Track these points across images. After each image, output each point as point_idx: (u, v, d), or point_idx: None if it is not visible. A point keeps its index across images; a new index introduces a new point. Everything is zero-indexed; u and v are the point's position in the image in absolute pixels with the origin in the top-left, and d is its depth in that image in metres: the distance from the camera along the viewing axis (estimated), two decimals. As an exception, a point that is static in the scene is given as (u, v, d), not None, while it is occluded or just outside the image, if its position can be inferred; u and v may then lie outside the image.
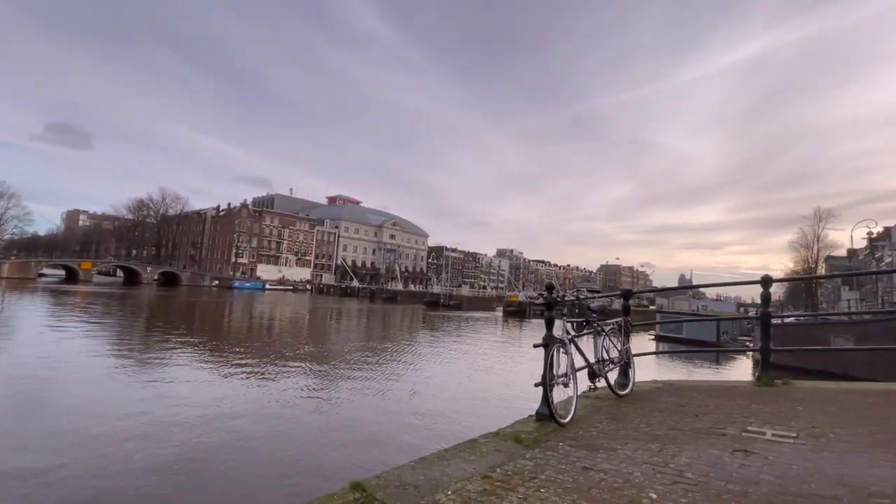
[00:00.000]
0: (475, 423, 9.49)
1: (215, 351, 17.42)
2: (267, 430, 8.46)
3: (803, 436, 3.15)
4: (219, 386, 11.74)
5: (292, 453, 7.44)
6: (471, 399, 11.91)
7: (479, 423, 9.29)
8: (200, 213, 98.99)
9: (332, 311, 43.79)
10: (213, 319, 30.64)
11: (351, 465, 7.02)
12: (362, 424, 9.20)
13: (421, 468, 2.85)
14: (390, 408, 10.59)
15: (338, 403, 10.68)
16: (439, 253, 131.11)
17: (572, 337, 4.11)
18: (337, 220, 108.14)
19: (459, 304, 65.72)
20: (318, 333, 26.29)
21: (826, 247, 46.83)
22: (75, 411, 8.99)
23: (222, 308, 39.35)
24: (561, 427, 3.63)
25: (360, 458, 7.45)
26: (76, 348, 16.00)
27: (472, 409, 10.80)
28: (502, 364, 18.06)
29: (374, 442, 8.25)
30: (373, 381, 13.23)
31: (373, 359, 17.36)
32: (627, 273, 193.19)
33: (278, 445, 7.73)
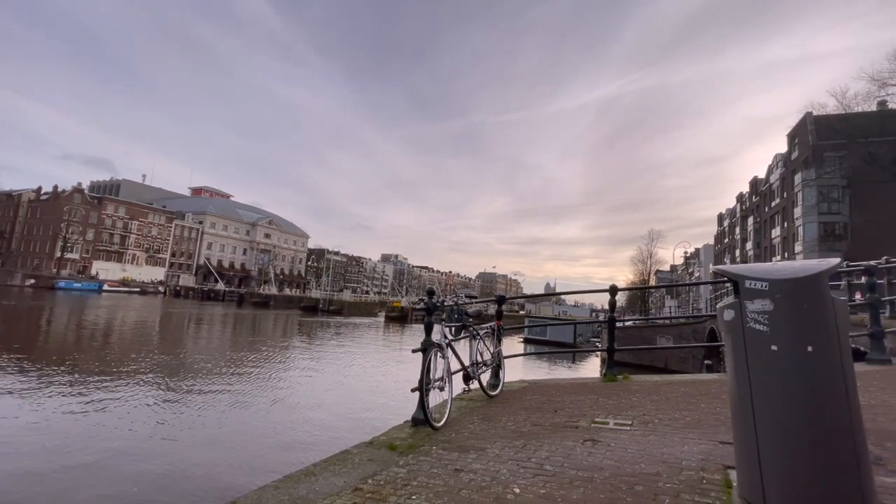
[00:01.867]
0: (350, 432, 9.19)
1: (27, 370, 13.99)
2: (106, 459, 7.04)
3: (636, 423, 3.67)
4: (41, 410, 9.43)
5: (138, 482, 6.29)
6: (346, 408, 11.50)
7: (354, 433, 9.02)
8: (12, 195, 79.45)
9: (189, 318, 38.65)
10: (22, 329, 24.68)
11: (210, 491, 6.19)
12: (222, 445, 8.22)
13: (285, 487, 2.61)
14: (256, 423, 9.67)
15: (192, 423, 9.39)
16: (320, 255, 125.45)
17: (450, 341, 4.22)
18: (201, 215, 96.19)
19: (340, 309, 63.52)
20: (168, 345, 22.90)
21: (656, 262, 56.53)
22: None
23: (37, 314, 31.94)
24: (435, 431, 3.67)
25: (221, 481, 6.62)
26: None
27: (348, 419, 10.44)
28: (381, 370, 17.87)
29: (238, 463, 7.42)
30: (235, 396, 11.96)
31: (235, 371, 15.72)
32: (502, 280, 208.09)
33: (122, 474, 6.48)
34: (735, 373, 1.92)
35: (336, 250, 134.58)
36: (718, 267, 2.16)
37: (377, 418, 10.50)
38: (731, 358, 1.95)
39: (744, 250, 52.76)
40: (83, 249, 75.15)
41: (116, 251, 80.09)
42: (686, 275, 76.95)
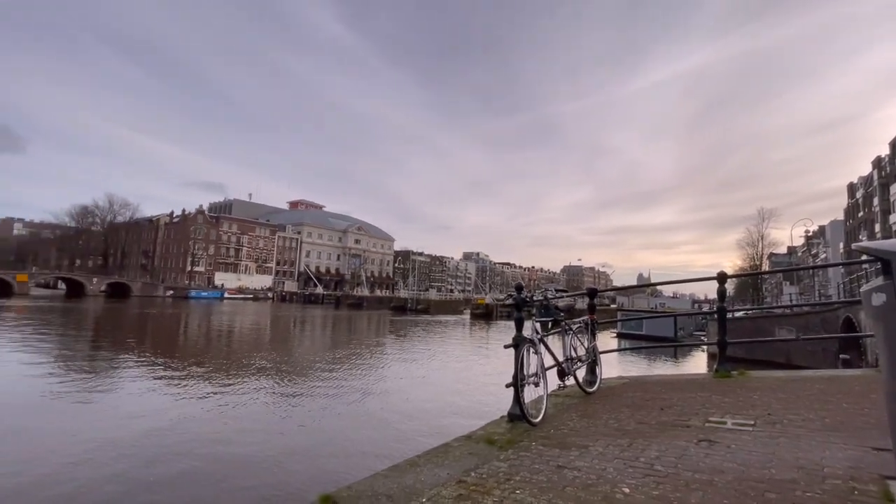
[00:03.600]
0: (446, 426, 9.44)
1: (171, 365, 16.49)
2: (232, 446, 8.07)
3: (760, 423, 3.30)
4: (179, 402, 11.10)
5: (259, 468, 7.11)
6: (441, 403, 11.84)
7: (450, 427, 9.25)
8: (152, 220, 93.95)
9: (296, 320, 42.56)
10: (168, 332, 29.07)
11: (320, 478, 6.78)
12: (330, 435, 8.95)
13: (393, 476, 2.77)
14: (361, 417, 10.36)
15: (304, 415, 10.34)
16: (406, 257, 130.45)
17: (541, 336, 4.15)
18: (299, 226, 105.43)
19: (427, 308, 65.54)
20: (281, 343, 25.44)
21: (769, 245, 50.05)
22: (22, 438, 8.24)
23: (177, 320, 37.41)
24: (533, 427, 3.63)
25: (329, 469, 7.22)
26: (12, 368, 14.72)
27: (443, 413, 10.74)
28: (471, 366, 18.12)
29: (344, 452, 8.03)
30: (339, 390, 12.92)
31: (338, 367, 16.97)
32: (589, 273, 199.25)
33: (245, 460, 7.39)
34: (891, 367, 1.63)
35: (420, 251, 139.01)
36: (862, 244, 1.85)
37: (469, 412, 10.68)
38: (885, 349, 1.67)
39: (886, 224, 44.53)
40: (207, 262, 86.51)
41: (232, 262, 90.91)
42: (808, 257, 66.97)
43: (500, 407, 10.17)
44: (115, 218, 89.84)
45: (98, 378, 13.74)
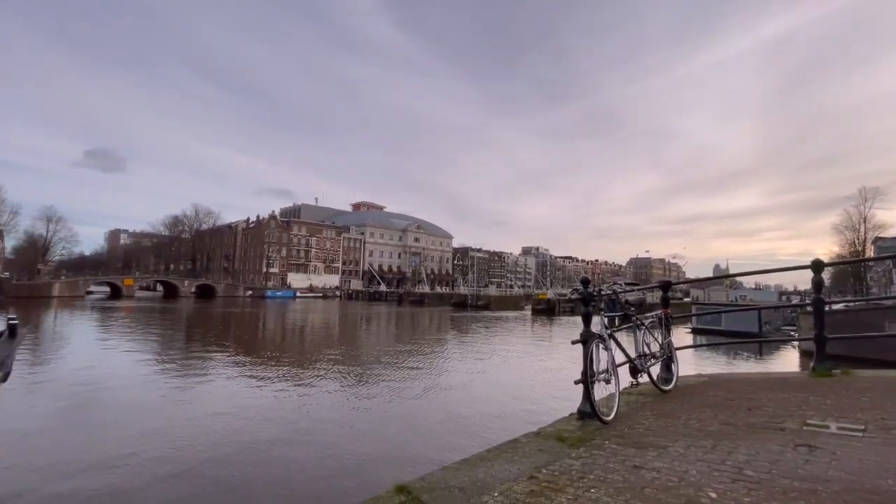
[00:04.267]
0: (513, 422, 9.39)
1: (254, 359, 17.90)
2: (309, 436, 8.61)
3: (872, 428, 2.94)
4: (261, 392, 12.04)
5: (334, 458, 7.53)
6: (506, 398, 11.79)
7: (517, 423, 9.19)
8: (231, 226, 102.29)
9: (362, 316, 44.37)
10: (250, 328, 31.53)
11: (392, 468, 7.05)
12: (401, 427, 9.25)
13: (465, 470, 2.81)
14: (426, 410, 10.61)
15: (375, 407, 10.77)
16: (464, 254, 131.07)
17: (611, 332, 3.99)
18: (362, 227, 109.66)
19: (487, 304, 65.45)
20: (349, 339, 26.67)
21: (874, 227, 44.16)
22: (136, 420, 9.39)
23: (257, 317, 40.48)
24: (605, 425, 3.52)
25: (400, 460, 7.48)
26: (126, 361, 16.79)
27: (509, 409, 10.69)
28: (536, 362, 17.85)
29: (413, 444, 8.26)
30: (407, 383, 13.30)
31: (403, 361, 17.46)
32: (659, 265, 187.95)
33: (321, 450, 7.86)
34: None
35: (478, 247, 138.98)
36: None
37: (532, 408, 10.55)
38: None
39: None
40: (280, 264, 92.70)
41: (303, 263, 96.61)
42: (926, 240, 58.07)
43: (565, 404, 9.91)
44: (201, 226, 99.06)
45: (195, 370, 15.25)
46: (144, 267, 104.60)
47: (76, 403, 10.76)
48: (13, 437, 7.90)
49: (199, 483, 6.47)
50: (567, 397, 11.28)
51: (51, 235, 77.42)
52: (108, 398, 11.36)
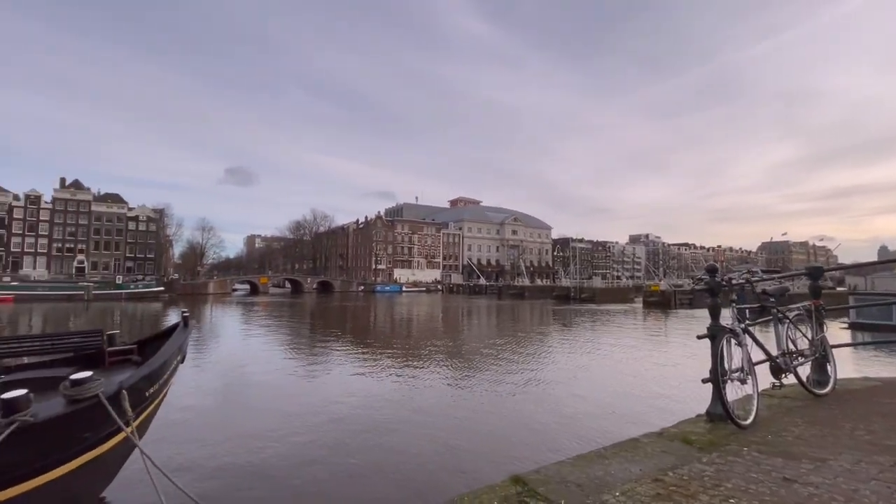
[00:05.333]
0: (628, 421, 8.86)
1: (368, 348, 19.41)
2: (416, 423, 9.10)
3: None
4: (374, 380, 13.03)
5: (439, 445, 7.85)
6: (614, 396, 11.14)
7: (632, 423, 8.66)
8: (344, 228, 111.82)
9: (464, 309, 45.35)
10: (364, 320, 34.24)
11: (495, 460, 7.12)
12: (504, 421, 9.29)
13: (580, 466, 2.73)
14: (529, 404, 10.50)
15: (478, 399, 10.97)
16: (564, 245, 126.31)
17: (746, 326, 3.54)
18: (460, 222, 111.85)
19: (592, 296, 62.31)
20: (453, 330, 27.47)
21: None
22: (279, 399, 10.87)
23: (369, 310, 43.77)
24: (741, 429, 3.14)
25: (503, 453, 7.52)
26: (264, 347, 19.44)
27: (623, 407, 10.09)
28: (647, 358, 16.54)
29: (517, 438, 8.24)
30: (509, 376, 13.30)
31: (507, 354, 17.45)
32: (800, 249, 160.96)
33: (427, 437, 8.25)
34: None
35: (579, 237, 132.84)
36: None
37: (646, 408, 9.81)
38: None
39: None
40: (387, 261, 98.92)
41: (406, 259, 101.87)
42: None
43: (685, 405, 9.11)
44: (318, 228, 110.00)
45: (318, 356, 17.07)
46: (275, 267, 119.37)
47: (230, 382, 12.76)
48: (192, 410, 9.63)
49: (327, 461, 7.23)
50: (684, 397, 10.32)
51: (205, 243, 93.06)
52: (252, 380, 13.25)
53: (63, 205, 74.74)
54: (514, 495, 2.32)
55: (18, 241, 70.87)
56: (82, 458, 4.43)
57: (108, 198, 79.80)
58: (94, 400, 4.43)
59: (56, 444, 4.18)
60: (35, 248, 72.04)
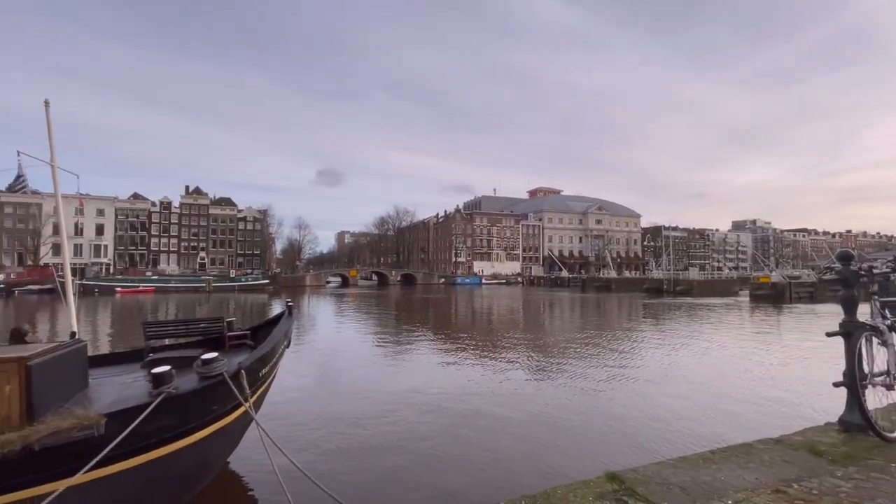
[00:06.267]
0: (733, 426, 8.07)
1: (451, 338, 19.84)
2: (498, 416, 9.12)
3: None
4: (457, 370, 13.30)
5: (528, 437, 7.80)
6: (721, 398, 10.16)
7: (738, 428, 7.88)
8: (425, 222, 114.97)
9: (545, 302, 44.33)
10: (447, 311, 35.04)
11: (589, 457, 6.90)
12: (595, 417, 8.95)
13: (683, 468, 2.54)
14: (623, 402, 9.99)
15: (567, 393, 10.69)
16: (656, 233, 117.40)
17: (892, 322, 3.01)
18: (539, 213, 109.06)
19: (688, 289, 57.26)
20: (534, 323, 27.01)
21: None
22: (365, 385, 11.62)
23: (451, 301, 44.67)
24: (886, 443, 2.70)
25: (596, 450, 7.26)
26: (355, 335, 20.79)
27: (725, 410, 9.19)
28: (759, 358, 14.81)
29: (610, 436, 7.89)
30: (601, 372, 12.75)
31: (591, 349, 16.75)
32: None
33: (510, 430, 8.24)
34: None
35: (673, 225, 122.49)
36: None
37: (761, 413, 8.78)
38: None
39: None
40: (466, 253, 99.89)
41: (486, 252, 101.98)
42: None
43: (803, 411, 8.10)
44: (401, 223, 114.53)
45: (403, 345, 17.85)
46: (363, 260, 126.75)
47: (326, 367, 13.86)
48: (296, 390, 10.64)
49: (413, 447, 7.55)
50: (803, 403, 9.10)
51: (302, 239, 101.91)
52: (346, 365, 14.24)
53: (188, 209, 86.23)
54: (610, 493, 2.24)
55: (156, 242, 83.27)
56: (212, 427, 5.12)
57: (222, 201, 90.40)
58: (220, 378, 5.10)
59: (192, 414, 4.88)
60: (168, 247, 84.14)
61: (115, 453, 4.04)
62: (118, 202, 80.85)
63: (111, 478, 4.16)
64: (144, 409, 4.33)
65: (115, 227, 79.78)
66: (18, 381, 3.97)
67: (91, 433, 3.94)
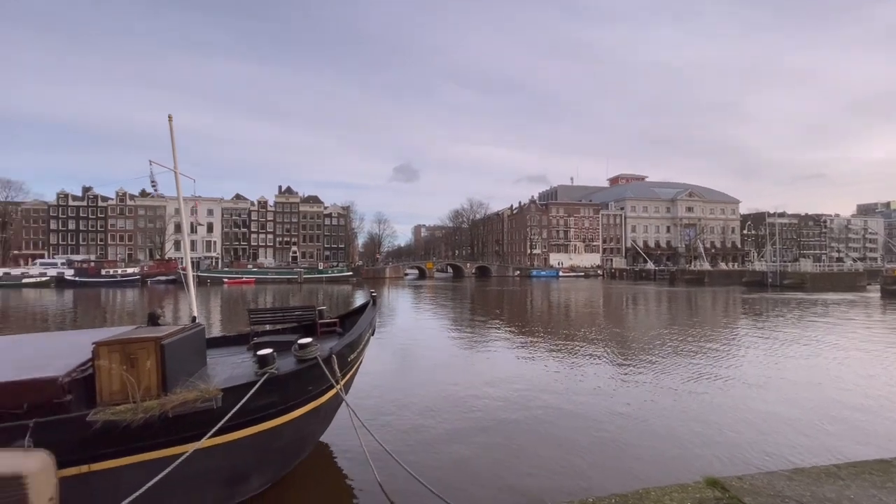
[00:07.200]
0: (856, 442, 7.06)
1: (527, 332, 19.58)
2: (584, 412, 8.84)
3: None
4: (533, 364, 13.11)
5: (610, 438, 7.48)
6: (842, 406, 8.90)
7: (863, 444, 6.89)
8: (499, 214, 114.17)
9: (629, 296, 41.90)
10: (523, 304, 34.63)
11: (689, 460, 6.44)
12: (684, 422, 8.32)
13: (800, 481, 2.27)
14: (725, 405, 9.17)
15: (652, 395, 10.06)
16: (758, 220, 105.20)
17: None
18: (621, 201, 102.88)
19: (800, 282, 50.63)
20: (617, 318, 25.67)
21: None
22: (448, 374, 11.93)
23: (527, 294, 44.04)
24: None
25: (684, 456, 6.75)
26: (432, 325, 21.36)
27: (847, 423, 8.04)
28: (882, 362, 12.72)
29: (701, 442, 7.29)
30: (689, 371, 11.81)
31: (685, 348, 15.51)
32: None
33: (595, 427, 7.94)
34: None
35: (780, 211, 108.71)
36: None
37: (878, 426, 7.55)
38: None
39: None
40: (542, 245, 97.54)
41: (562, 243, 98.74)
42: None
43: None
44: (475, 216, 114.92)
45: (479, 337, 17.96)
46: (438, 253, 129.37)
47: (407, 355, 14.42)
48: (380, 376, 11.24)
49: (490, 439, 7.59)
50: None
51: (381, 233, 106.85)
52: (424, 354, 14.70)
53: (281, 207, 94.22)
54: (711, 500, 2.07)
55: (255, 237, 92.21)
56: (308, 407, 5.59)
57: (310, 199, 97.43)
58: (314, 361, 5.54)
59: (291, 393, 5.37)
60: (265, 242, 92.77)
61: (230, 424, 4.59)
62: (224, 202, 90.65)
63: (226, 445, 4.73)
64: (252, 386, 4.85)
65: (222, 224, 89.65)
66: (155, 358, 4.66)
67: (211, 405, 4.52)
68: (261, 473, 5.32)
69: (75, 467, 4.00)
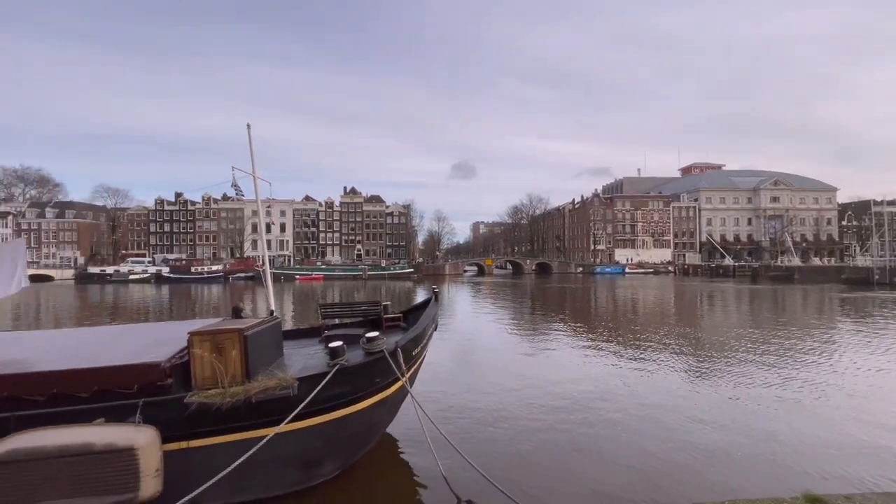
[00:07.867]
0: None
1: (592, 332, 18.90)
2: (655, 417, 8.38)
3: None
4: (602, 366, 12.63)
5: (682, 445, 7.02)
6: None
7: None
8: (560, 209, 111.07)
9: (704, 295, 38.95)
10: (587, 303, 33.47)
11: (776, 475, 5.89)
12: (780, 432, 7.59)
13: None
14: (819, 416, 8.27)
15: (732, 405, 9.30)
16: (861, 210, 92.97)
17: None
18: (695, 192, 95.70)
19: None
20: (692, 319, 23.98)
21: None
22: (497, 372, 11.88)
23: (591, 292, 42.48)
24: None
25: (783, 469, 6.16)
26: (491, 323, 21.29)
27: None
28: None
29: (801, 455, 6.61)
30: (774, 377, 10.76)
31: (769, 354, 14.14)
32: None
33: (667, 434, 7.50)
34: None
35: (889, 199, 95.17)
36: None
37: None
38: None
39: None
40: (606, 241, 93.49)
41: (629, 238, 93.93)
42: None
43: None
44: (535, 211, 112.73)
45: (539, 336, 17.63)
46: (497, 250, 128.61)
47: (468, 351, 14.52)
48: (443, 370, 11.42)
49: (555, 439, 7.41)
50: None
51: (440, 231, 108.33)
52: (484, 349, 14.71)
53: (346, 207, 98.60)
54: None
55: (323, 236, 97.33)
56: (375, 398, 5.82)
57: (373, 199, 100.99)
58: (381, 354, 5.75)
59: (360, 384, 5.61)
60: (332, 241, 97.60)
61: (305, 411, 4.90)
62: (294, 203, 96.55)
63: (301, 431, 5.05)
64: (324, 376, 5.14)
65: (294, 224, 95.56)
66: (240, 347, 5.08)
67: (288, 393, 4.85)
68: (331, 460, 5.62)
69: (176, 443, 4.49)
